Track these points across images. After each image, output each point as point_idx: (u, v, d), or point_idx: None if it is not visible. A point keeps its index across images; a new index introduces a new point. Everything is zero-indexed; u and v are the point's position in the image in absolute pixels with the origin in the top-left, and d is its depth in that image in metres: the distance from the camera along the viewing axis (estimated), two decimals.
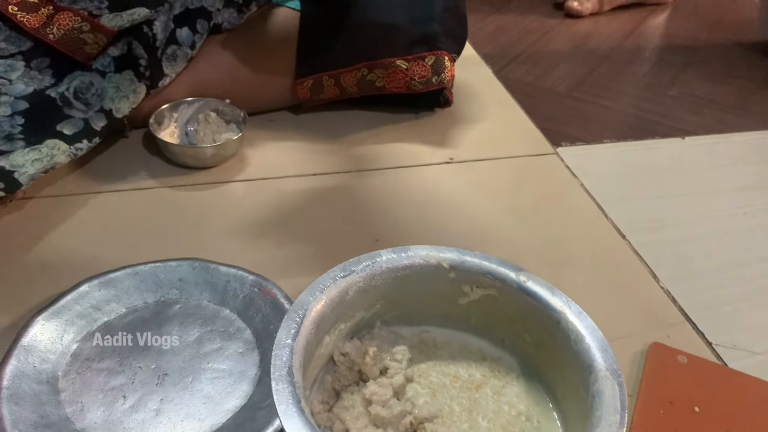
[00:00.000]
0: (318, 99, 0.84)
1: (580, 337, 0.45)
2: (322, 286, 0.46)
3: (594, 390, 0.42)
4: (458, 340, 0.53)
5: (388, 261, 0.49)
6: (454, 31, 0.83)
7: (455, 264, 0.50)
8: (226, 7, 0.77)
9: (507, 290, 0.49)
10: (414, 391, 0.49)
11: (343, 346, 0.49)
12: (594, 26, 1.27)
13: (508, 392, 0.50)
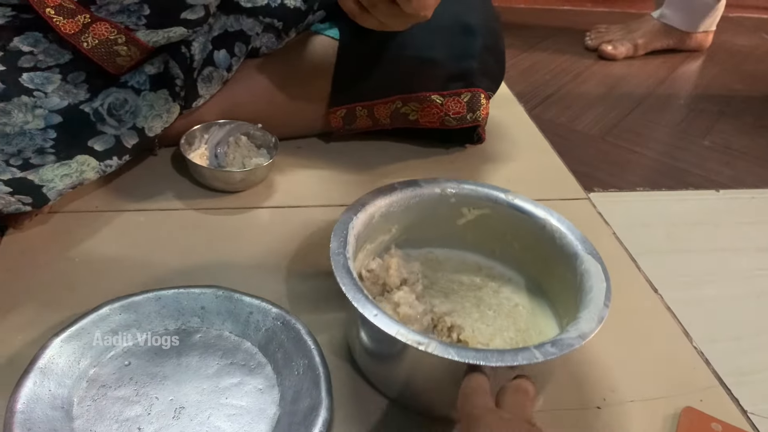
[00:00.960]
0: (350, 128, 0.83)
1: (563, 235, 0.58)
2: (356, 210, 0.57)
3: (581, 270, 0.54)
4: (457, 257, 0.65)
5: (403, 191, 0.61)
6: (491, 69, 0.82)
7: (455, 191, 0.62)
8: (265, 31, 0.76)
9: (498, 208, 0.62)
10: (430, 296, 0.60)
11: (369, 263, 0.60)
12: (628, 70, 1.26)
13: (504, 290, 0.62)
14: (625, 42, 1.30)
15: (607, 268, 0.54)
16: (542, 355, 0.45)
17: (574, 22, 1.46)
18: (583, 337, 0.47)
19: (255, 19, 0.75)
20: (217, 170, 0.73)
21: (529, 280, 0.63)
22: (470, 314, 0.59)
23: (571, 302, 0.54)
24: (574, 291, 0.54)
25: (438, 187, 0.62)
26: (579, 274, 0.54)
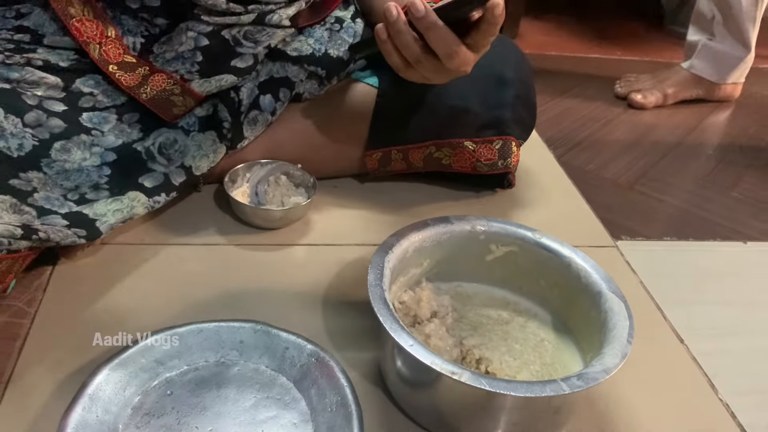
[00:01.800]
0: (385, 171, 0.86)
1: (588, 274, 0.61)
2: (392, 244, 0.61)
3: (605, 308, 0.57)
4: (485, 292, 0.68)
5: (435, 227, 0.65)
6: (523, 118, 0.85)
7: (485, 228, 0.66)
8: (309, 78, 0.80)
9: (526, 246, 0.65)
10: (459, 328, 0.63)
11: (401, 295, 0.63)
12: (657, 119, 1.28)
13: (530, 325, 0.65)
14: (655, 91, 1.32)
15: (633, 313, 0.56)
16: (569, 387, 0.47)
17: (604, 69, 1.48)
18: (607, 372, 0.49)
19: (300, 67, 0.79)
20: (257, 208, 0.77)
21: (555, 316, 0.66)
22: (498, 347, 0.62)
23: (595, 338, 0.57)
24: (598, 328, 0.57)
25: (468, 224, 0.66)
26: (603, 312, 0.57)
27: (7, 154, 0.62)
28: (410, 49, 0.63)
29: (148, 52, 0.70)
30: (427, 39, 0.62)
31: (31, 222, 0.60)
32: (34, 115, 0.65)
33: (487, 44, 0.64)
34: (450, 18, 0.61)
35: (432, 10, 0.61)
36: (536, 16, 1.73)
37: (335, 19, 0.82)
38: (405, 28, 0.62)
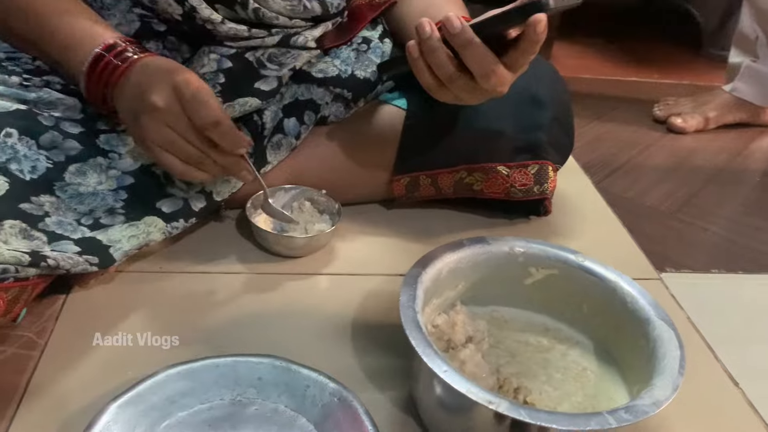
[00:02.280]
0: (412, 197, 0.83)
1: (634, 299, 0.58)
2: (425, 264, 0.58)
3: (654, 336, 0.54)
4: (523, 317, 0.65)
5: (471, 248, 0.62)
6: (560, 141, 0.81)
7: (524, 250, 0.63)
8: (335, 101, 0.77)
9: (568, 269, 0.62)
10: (495, 355, 0.60)
11: (434, 319, 0.60)
12: (698, 143, 1.23)
13: (572, 353, 0.62)
14: (696, 115, 1.27)
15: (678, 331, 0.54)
16: (615, 421, 0.44)
17: (641, 93, 1.43)
18: (657, 405, 0.46)
19: (325, 89, 0.76)
20: (279, 235, 0.73)
21: (598, 344, 0.62)
22: (537, 376, 0.59)
23: (642, 369, 0.54)
24: (646, 357, 0.54)
25: (506, 245, 0.63)
26: (651, 340, 0.54)
27: (19, 177, 0.59)
28: (444, 68, 0.59)
29: None
30: (462, 57, 0.58)
31: (41, 248, 0.57)
32: (49, 136, 0.63)
33: (526, 63, 0.60)
34: (487, 35, 0.57)
35: (468, 26, 0.57)
36: (569, 39, 1.69)
37: (362, 39, 0.79)
38: (439, 44, 0.58)
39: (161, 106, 0.58)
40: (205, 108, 0.59)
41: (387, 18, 0.82)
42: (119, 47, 0.62)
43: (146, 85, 0.59)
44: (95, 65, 0.61)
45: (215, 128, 0.59)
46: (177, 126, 0.59)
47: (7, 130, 0.60)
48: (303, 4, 0.73)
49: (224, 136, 0.60)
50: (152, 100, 0.58)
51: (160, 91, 0.58)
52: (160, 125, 0.59)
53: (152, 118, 0.59)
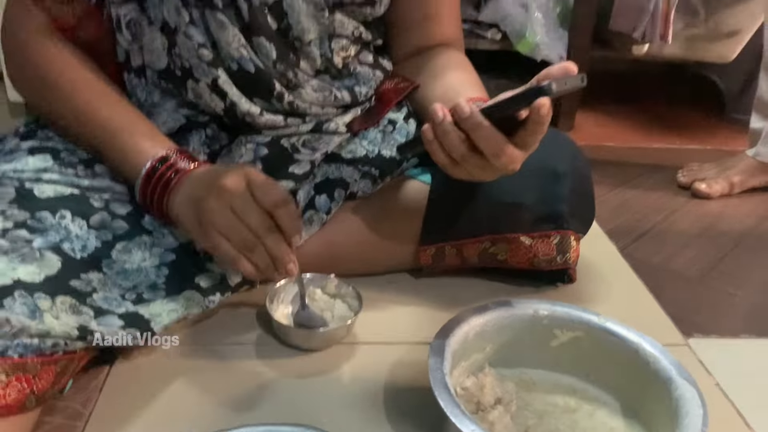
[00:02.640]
0: (439, 266, 0.85)
1: (657, 360, 0.61)
2: (452, 328, 0.62)
3: (677, 395, 0.57)
4: (551, 378, 0.67)
5: (497, 311, 0.66)
6: (581, 211, 0.83)
7: (548, 312, 0.66)
8: (363, 178, 0.81)
9: (591, 331, 0.65)
10: (524, 417, 0.62)
11: (463, 381, 0.63)
12: (724, 208, 1.24)
13: (599, 414, 0.63)
14: (720, 180, 1.28)
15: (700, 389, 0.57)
16: None
17: (665, 159, 1.45)
18: None
19: (354, 168, 0.80)
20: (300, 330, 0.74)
21: (624, 404, 0.64)
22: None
23: (666, 427, 0.57)
24: (669, 416, 0.57)
25: (531, 308, 0.66)
26: (674, 399, 0.57)
27: (70, 255, 0.64)
28: (457, 149, 0.63)
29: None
30: (472, 138, 0.62)
31: (88, 323, 0.61)
32: (99, 217, 0.68)
33: (535, 142, 0.64)
34: (496, 117, 0.61)
35: (477, 110, 0.61)
36: (592, 108, 1.73)
37: (388, 120, 0.84)
38: (451, 128, 0.63)
39: (230, 187, 0.63)
40: (276, 188, 0.65)
41: (411, 100, 0.87)
42: (171, 159, 0.69)
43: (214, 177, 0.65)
44: (150, 176, 0.68)
45: (284, 206, 0.64)
46: (241, 208, 0.63)
47: (61, 212, 0.65)
48: (334, 94, 0.79)
49: (289, 216, 0.65)
50: (222, 182, 0.63)
51: (230, 176, 0.64)
52: (225, 207, 0.63)
53: (220, 199, 0.63)
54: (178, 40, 0.72)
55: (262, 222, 0.64)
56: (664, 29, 1.41)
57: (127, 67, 0.77)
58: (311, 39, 0.77)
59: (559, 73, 0.60)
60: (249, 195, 0.64)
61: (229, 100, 0.74)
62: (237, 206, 0.63)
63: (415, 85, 0.85)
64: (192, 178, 0.67)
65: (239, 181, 0.64)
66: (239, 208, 0.63)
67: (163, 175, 0.68)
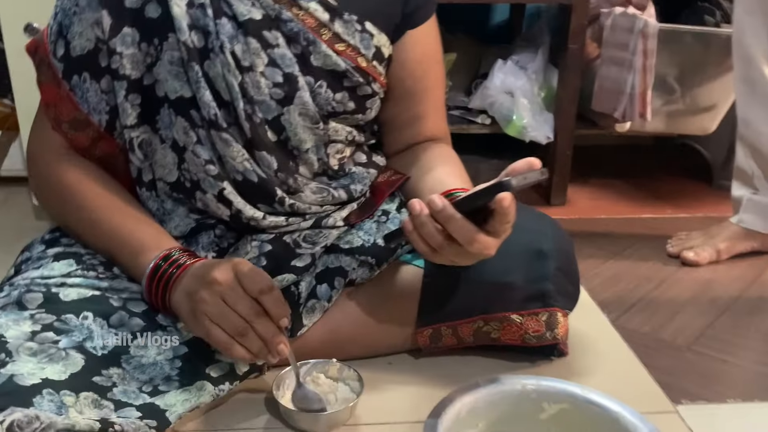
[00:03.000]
0: (436, 346, 0.90)
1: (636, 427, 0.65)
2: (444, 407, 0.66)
3: None
4: None
5: (486, 387, 0.70)
6: (567, 289, 0.89)
7: (535, 387, 0.71)
8: (360, 266, 0.87)
9: (577, 403, 0.70)
10: None
11: None
12: (713, 274, 1.28)
13: None
14: (707, 247, 1.33)
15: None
16: None
17: (656, 229, 1.51)
18: None
19: (352, 257, 0.87)
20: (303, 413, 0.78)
21: None
22: None
23: None
24: None
25: (518, 383, 0.71)
26: None
27: (92, 353, 0.71)
28: (434, 238, 0.70)
29: None
30: (447, 229, 0.69)
31: (109, 415, 0.66)
32: (117, 316, 0.75)
33: (506, 230, 0.70)
34: (468, 209, 0.68)
35: (449, 204, 0.69)
36: (584, 182, 1.80)
37: (382, 212, 0.92)
38: (427, 220, 0.70)
39: (220, 279, 0.71)
40: (261, 276, 0.72)
41: (402, 191, 0.95)
42: (174, 256, 0.77)
43: (205, 272, 0.72)
44: (154, 274, 0.76)
45: (269, 293, 0.72)
46: (231, 297, 0.71)
47: (84, 314, 0.72)
48: (331, 194, 0.88)
49: (275, 301, 0.72)
50: (213, 275, 0.71)
51: (220, 269, 0.72)
52: (215, 297, 0.71)
53: (210, 291, 0.71)
54: (187, 157, 0.82)
55: (250, 308, 0.71)
56: (643, 108, 1.50)
57: (138, 181, 0.86)
58: (308, 147, 0.86)
59: (524, 168, 0.67)
60: (237, 284, 0.71)
61: (235, 207, 0.83)
62: (226, 296, 0.71)
63: (406, 177, 0.93)
64: (188, 273, 0.75)
65: (228, 272, 0.71)
66: (229, 298, 0.71)
67: (165, 272, 0.76)
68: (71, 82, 0.81)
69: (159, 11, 0.79)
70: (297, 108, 0.83)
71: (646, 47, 1.45)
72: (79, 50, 0.80)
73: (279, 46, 0.81)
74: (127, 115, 0.81)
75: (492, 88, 1.61)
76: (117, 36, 0.79)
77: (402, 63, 0.91)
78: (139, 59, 0.80)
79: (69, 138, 0.83)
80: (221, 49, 0.79)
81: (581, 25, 1.51)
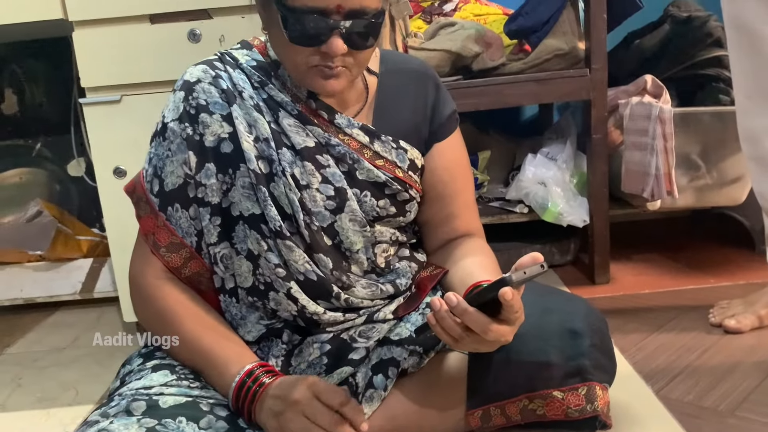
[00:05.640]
0: (488, 427, 0.98)
1: None
2: None
3: None
4: None
5: None
6: (603, 363, 0.96)
7: None
8: (411, 355, 0.98)
9: None
10: None
11: None
12: (757, 341, 1.32)
13: None
14: (748, 314, 1.37)
15: None
16: None
17: (699, 299, 1.55)
18: None
19: (402, 348, 0.98)
20: None
21: None
22: None
23: None
24: None
25: None
26: None
27: None
28: (453, 330, 0.82)
29: (287, 366, 0.96)
30: (464, 321, 0.81)
31: None
32: (206, 420, 0.88)
33: (516, 319, 0.82)
34: (480, 302, 0.80)
35: (463, 300, 0.81)
36: (627, 258, 1.87)
37: (426, 304, 1.03)
38: (446, 314, 0.82)
39: (300, 399, 0.85)
40: (337, 391, 0.87)
41: (441, 283, 1.06)
42: (256, 372, 0.91)
43: (286, 392, 0.86)
44: (240, 389, 0.90)
45: (348, 404, 0.85)
46: (312, 413, 0.84)
47: (179, 418, 0.85)
48: (380, 288, 1.00)
49: (354, 410, 0.86)
50: (294, 397, 0.85)
51: (298, 389, 0.86)
52: (299, 416, 0.84)
53: (293, 411, 0.85)
54: (261, 263, 0.97)
55: (330, 419, 0.84)
56: (670, 187, 1.58)
57: (221, 290, 1.01)
58: (359, 248, 1.00)
59: (528, 263, 0.78)
60: (316, 401, 0.85)
61: (300, 304, 0.96)
62: (308, 413, 0.84)
63: (445, 271, 1.05)
64: (269, 393, 0.88)
65: (305, 391, 0.85)
66: (310, 414, 0.84)
67: (249, 389, 0.89)
68: (167, 213, 0.98)
69: (232, 147, 0.96)
70: (347, 215, 0.98)
71: (665, 131, 1.56)
72: (171, 185, 0.98)
73: (330, 166, 0.98)
74: (210, 234, 0.98)
75: (525, 180, 1.73)
76: (201, 171, 0.96)
77: (432, 171, 1.06)
78: (218, 187, 0.97)
79: (165, 260, 0.99)
80: (283, 173, 0.95)
81: (602, 117, 1.64)
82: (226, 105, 0.97)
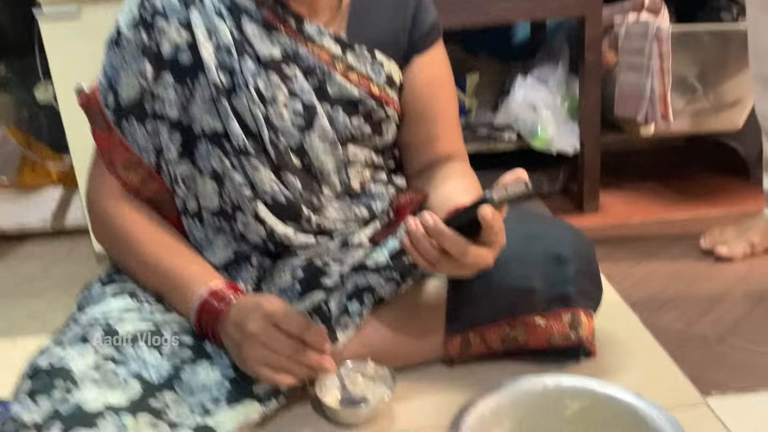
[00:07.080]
0: (467, 354, 0.95)
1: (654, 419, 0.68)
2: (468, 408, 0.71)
3: None
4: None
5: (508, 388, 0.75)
6: (587, 289, 0.92)
7: (555, 385, 0.76)
8: (388, 282, 0.93)
9: (597, 398, 0.74)
10: None
11: None
12: (747, 269, 1.28)
13: None
14: (741, 241, 1.33)
15: None
16: None
17: (690, 228, 1.50)
18: None
19: (379, 275, 0.93)
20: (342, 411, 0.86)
21: None
22: None
23: None
24: None
25: (540, 383, 0.76)
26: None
27: (148, 380, 0.79)
28: (430, 253, 0.76)
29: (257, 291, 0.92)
30: (440, 244, 0.75)
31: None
32: (169, 347, 0.83)
33: (497, 241, 0.75)
34: (458, 224, 0.74)
35: (439, 221, 0.74)
36: (617, 187, 1.82)
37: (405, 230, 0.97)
38: (422, 236, 0.75)
39: (257, 332, 0.78)
40: (296, 317, 0.80)
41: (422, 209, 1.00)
42: (220, 291, 0.85)
43: (243, 321, 0.80)
44: (202, 309, 0.84)
45: (309, 330, 0.79)
46: (270, 343, 0.78)
47: (139, 344, 0.81)
48: (353, 211, 0.94)
49: (316, 336, 0.80)
50: (249, 329, 0.79)
51: (255, 321, 0.79)
52: (257, 347, 0.79)
53: (251, 343, 0.79)
54: (226, 183, 0.90)
55: (290, 346, 0.79)
56: (664, 110, 1.51)
57: (184, 212, 0.94)
58: (330, 169, 0.93)
59: (511, 181, 0.72)
60: (273, 330, 0.78)
61: (269, 226, 0.91)
62: (267, 343, 0.78)
63: (423, 195, 0.99)
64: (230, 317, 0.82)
65: (262, 323, 0.79)
66: (269, 344, 0.78)
67: (214, 308, 0.84)
68: (121, 128, 0.90)
69: (190, 56, 0.88)
70: (317, 134, 0.91)
71: (662, 51, 1.48)
72: (126, 98, 0.90)
73: (298, 78, 0.90)
74: (169, 151, 0.90)
75: (514, 103, 1.65)
76: (158, 82, 0.88)
77: (412, 87, 0.98)
78: (176, 100, 0.89)
79: (122, 179, 0.92)
80: (246, 85, 0.88)
81: (596, 36, 1.55)
82: (185, 9, 0.88)
